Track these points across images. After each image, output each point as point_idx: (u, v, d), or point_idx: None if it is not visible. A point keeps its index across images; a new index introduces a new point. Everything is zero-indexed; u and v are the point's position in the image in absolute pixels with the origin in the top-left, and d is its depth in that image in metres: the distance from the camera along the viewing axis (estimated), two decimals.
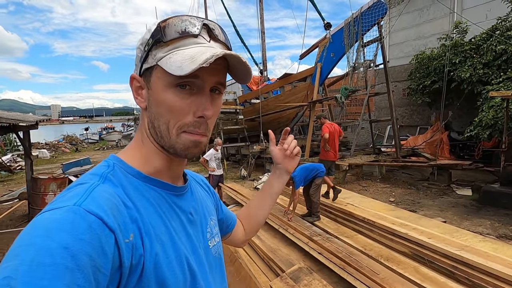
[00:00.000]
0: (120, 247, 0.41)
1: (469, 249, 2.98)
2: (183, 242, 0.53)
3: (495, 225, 4.22)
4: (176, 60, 0.48)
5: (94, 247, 0.38)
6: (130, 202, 0.47)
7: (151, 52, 0.51)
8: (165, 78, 0.49)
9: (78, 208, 0.40)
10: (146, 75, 0.52)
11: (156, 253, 0.46)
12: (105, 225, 0.40)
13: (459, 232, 3.63)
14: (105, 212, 0.42)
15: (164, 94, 0.50)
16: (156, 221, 0.49)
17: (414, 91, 9.56)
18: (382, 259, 3.05)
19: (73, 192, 0.44)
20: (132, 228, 0.45)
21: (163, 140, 0.52)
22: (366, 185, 6.97)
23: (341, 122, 8.91)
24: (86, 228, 0.38)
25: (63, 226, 0.38)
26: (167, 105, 0.50)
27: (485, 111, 5.90)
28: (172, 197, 0.55)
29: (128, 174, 0.52)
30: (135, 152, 0.56)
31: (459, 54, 7.79)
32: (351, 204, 4.62)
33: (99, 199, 0.43)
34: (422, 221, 4.02)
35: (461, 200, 5.42)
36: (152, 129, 0.53)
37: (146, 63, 0.52)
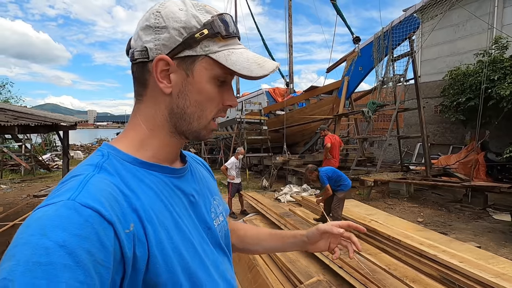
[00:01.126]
0: (120, 238, 0.41)
1: (507, 278, 2.74)
2: (187, 225, 0.52)
3: None
4: (238, 60, 0.51)
5: (92, 242, 0.37)
6: (129, 190, 0.46)
7: (202, 42, 0.50)
8: (214, 71, 0.51)
9: (73, 203, 0.39)
10: (184, 61, 0.51)
11: (160, 239, 0.46)
12: (103, 217, 0.39)
13: (495, 259, 3.35)
14: (102, 204, 0.40)
15: (207, 85, 0.52)
16: (158, 207, 0.48)
17: (447, 108, 9.14)
18: (407, 280, 2.88)
19: (67, 185, 0.43)
20: (132, 218, 0.44)
21: (190, 126, 0.54)
22: (392, 203, 6.67)
23: (367, 137, 8.67)
24: (82, 223, 0.37)
25: (58, 223, 0.36)
26: (209, 95, 0.53)
27: None
28: (173, 179, 0.55)
29: (124, 161, 0.50)
30: (133, 139, 0.54)
31: (498, 70, 7.38)
32: (375, 221, 4.44)
33: (94, 191, 0.42)
34: (453, 244, 3.76)
35: (498, 225, 5.02)
36: (179, 114, 0.53)
37: (192, 51, 0.50)
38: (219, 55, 0.51)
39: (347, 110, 9.64)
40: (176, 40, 0.50)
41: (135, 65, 0.54)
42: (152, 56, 0.51)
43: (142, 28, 0.52)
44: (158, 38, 0.50)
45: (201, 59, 0.51)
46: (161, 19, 0.51)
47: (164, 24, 0.50)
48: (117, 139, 0.56)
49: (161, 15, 0.51)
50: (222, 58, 0.51)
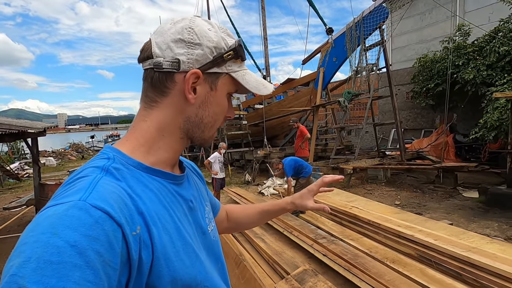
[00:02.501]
0: (128, 240, 0.42)
1: (477, 251, 2.94)
2: (187, 231, 0.54)
3: (503, 227, 4.16)
4: (250, 80, 0.61)
5: (101, 243, 0.38)
6: (135, 194, 0.48)
7: (227, 62, 0.57)
8: (230, 87, 0.60)
9: (83, 203, 0.40)
10: (210, 77, 0.57)
11: (164, 243, 0.47)
12: (112, 219, 0.40)
13: (466, 234, 3.58)
14: (111, 206, 0.41)
15: (223, 99, 0.60)
16: (161, 212, 0.50)
17: (418, 94, 9.55)
18: (388, 261, 3.02)
19: (76, 186, 0.44)
20: (138, 220, 0.45)
21: (203, 134, 0.60)
22: (371, 189, 6.93)
23: (345, 126, 8.90)
24: (93, 223, 0.38)
25: (69, 223, 0.37)
26: (223, 107, 0.60)
27: (489, 113, 5.87)
28: (174, 186, 0.57)
29: (130, 165, 0.52)
30: (140, 141, 0.56)
31: (462, 56, 7.79)
32: (356, 207, 4.59)
33: (104, 192, 0.43)
34: (428, 223, 3.98)
35: (468, 202, 5.36)
36: (196, 123, 0.58)
37: (218, 68, 0.57)
38: (238, 75, 0.59)
39: (324, 100, 9.82)
40: (207, 57, 0.55)
41: (157, 72, 0.55)
42: (184, 68, 0.54)
43: (174, 40, 0.55)
44: (191, 53, 0.55)
45: (223, 76, 0.58)
46: (195, 36, 0.55)
47: (198, 41, 0.55)
48: (122, 142, 0.57)
49: (195, 32, 0.55)
50: (241, 77, 0.59)
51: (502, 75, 6.64)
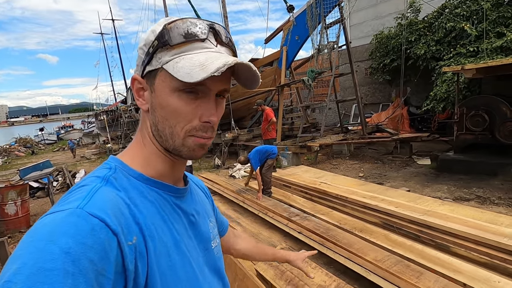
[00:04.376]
0: (123, 250, 0.41)
1: (431, 213, 3.28)
2: (186, 245, 0.53)
3: (451, 189, 4.67)
4: (184, 66, 0.47)
5: (96, 251, 0.38)
6: (133, 204, 0.47)
7: (156, 54, 0.50)
8: (171, 83, 0.49)
9: (81, 211, 0.40)
10: (149, 77, 0.52)
11: (159, 255, 0.47)
12: (108, 227, 0.40)
13: (422, 199, 3.97)
14: (108, 214, 0.41)
15: (169, 98, 0.50)
16: (159, 224, 0.49)
17: (376, 70, 10.01)
18: (356, 231, 3.26)
19: (75, 195, 0.44)
20: (135, 231, 0.45)
21: (167, 143, 0.52)
22: (337, 163, 7.29)
23: (310, 105, 9.11)
24: (89, 231, 0.38)
25: (66, 230, 0.37)
26: (172, 109, 0.50)
27: (438, 86, 6.36)
28: (174, 199, 0.55)
29: (130, 176, 0.51)
30: (136, 154, 0.55)
31: (414, 32, 8.23)
32: (324, 182, 4.82)
33: (101, 201, 0.43)
34: (389, 192, 4.33)
35: (422, 169, 5.90)
36: (155, 131, 0.53)
37: (150, 65, 0.51)
38: (169, 65, 0.49)
39: (288, 80, 9.89)
40: (141, 58, 0.52)
41: None
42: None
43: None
44: (137, 59, 0.53)
45: (159, 72, 0.50)
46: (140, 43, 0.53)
47: (137, 47, 0.53)
48: (124, 153, 0.56)
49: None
50: (170, 67, 0.48)
51: (448, 50, 7.17)
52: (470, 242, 2.71)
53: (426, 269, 2.40)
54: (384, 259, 2.56)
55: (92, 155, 15.05)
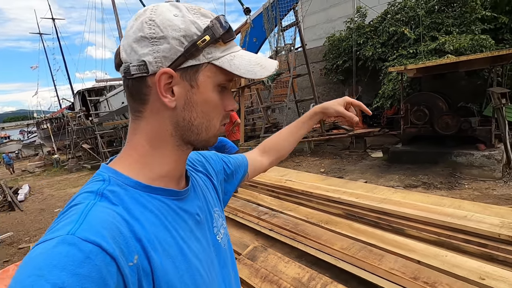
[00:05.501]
0: (124, 273, 0.38)
1: (387, 201, 3.59)
2: (194, 250, 0.51)
3: (402, 178, 5.15)
4: (241, 64, 0.49)
5: (94, 280, 0.35)
6: (132, 218, 0.44)
7: (204, 49, 0.47)
8: (217, 78, 0.49)
9: (72, 237, 0.36)
10: (187, 72, 0.48)
11: (166, 269, 0.44)
12: (105, 252, 0.37)
13: (378, 189, 4.31)
14: (103, 236, 0.38)
15: (212, 93, 0.50)
16: (163, 234, 0.47)
17: (329, 71, 10.59)
18: (322, 223, 3.44)
19: (67, 217, 0.40)
20: (136, 249, 0.42)
21: (199, 137, 0.52)
22: (299, 161, 7.58)
23: (270, 105, 9.32)
24: (83, 260, 0.35)
25: (57, 262, 0.34)
26: (214, 103, 0.51)
27: (386, 84, 6.97)
28: (177, 202, 0.53)
29: (127, 186, 0.47)
30: (134, 160, 0.51)
31: (362, 35, 8.89)
32: (289, 180, 4.98)
33: (96, 222, 0.39)
34: (349, 184, 4.63)
35: (375, 162, 6.41)
36: (186, 127, 0.51)
37: (195, 60, 0.47)
38: (223, 61, 0.48)
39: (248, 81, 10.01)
40: (177, 50, 0.47)
41: (130, 80, 0.49)
42: (152, 70, 0.47)
43: (135, 40, 0.47)
44: (157, 50, 0.46)
45: (204, 67, 0.48)
46: (157, 29, 0.46)
47: (162, 34, 0.46)
48: (117, 161, 0.52)
49: (157, 24, 0.46)
50: (226, 63, 0.48)
51: (392, 52, 7.88)
52: (421, 224, 3.03)
53: (386, 252, 2.63)
54: (350, 247, 2.75)
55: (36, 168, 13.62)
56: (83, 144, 14.60)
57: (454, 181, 4.76)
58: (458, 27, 6.99)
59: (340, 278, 2.41)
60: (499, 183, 4.46)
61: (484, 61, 4.66)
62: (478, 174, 4.72)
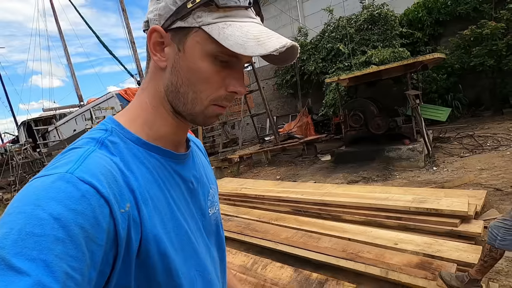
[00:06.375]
0: (116, 217, 0.39)
1: (328, 194, 4.03)
2: (183, 213, 0.52)
3: (345, 175, 5.71)
4: (233, 34, 0.43)
5: (87, 218, 0.36)
6: (128, 170, 0.45)
7: (194, 11, 0.44)
8: (207, 46, 0.45)
9: (71, 176, 0.38)
10: (177, 34, 0.46)
11: (154, 223, 0.45)
12: (100, 194, 0.38)
13: (323, 186, 4.78)
14: (100, 180, 0.39)
15: (200, 62, 0.46)
16: (154, 191, 0.47)
17: (280, 86, 11.34)
18: (272, 220, 3.75)
19: (66, 157, 0.42)
20: (128, 198, 0.43)
21: (184, 107, 0.49)
22: (257, 171, 7.92)
23: (226, 121, 9.67)
24: (79, 197, 0.36)
25: (54, 195, 0.35)
26: (203, 75, 0.46)
27: (327, 95, 7.71)
28: (173, 164, 0.53)
29: (128, 140, 0.48)
30: (138, 115, 0.51)
31: (305, 52, 9.78)
32: (245, 188, 5.28)
33: (93, 166, 0.40)
34: (299, 185, 5.05)
35: (324, 164, 6.97)
36: (173, 93, 0.49)
37: (184, 22, 0.45)
38: (212, 28, 0.44)
39: None
40: (170, 9, 0.45)
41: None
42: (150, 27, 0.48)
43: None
44: (157, 8, 0.47)
45: (194, 32, 0.45)
46: None
47: None
48: (122, 114, 0.52)
49: None
50: (215, 31, 0.43)
51: (331, 66, 8.78)
52: (353, 209, 3.48)
53: (323, 235, 3.00)
54: (293, 236, 3.08)
55: None
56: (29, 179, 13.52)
57: (388, 173, 5.41)
58: (382, 42, 8.08)
59: (280, 259, 2.71)
60: (422, 171, 5.18)
61: (398, 69, 5.50)
62: (406, 165, 5.44)
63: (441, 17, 8.36)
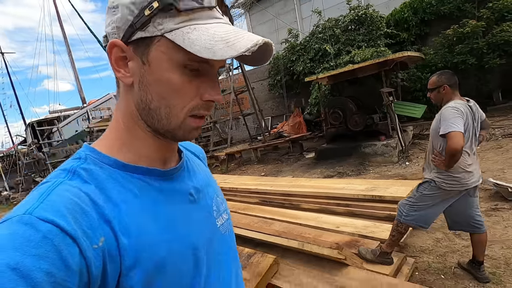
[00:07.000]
0: (86, 256, 0.36)
1: (295, 186, 4.26)
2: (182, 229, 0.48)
3: (323, 171, 5.92)
4: (199, 38, 0.40)
5: (52, 261, 0.33)
6: (105, 200, 0.41)
7: (154, 19, 0.41)
8: (173, 55, 0.42)
9: (29, 217, 0.34)
10: (139, 46, 0.43)
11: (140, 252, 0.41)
12: (64, 232, 0.35)
13: (297, 179, 5.00)
14: (64, 217, 0.36)
15: (169, 74, 0.42)
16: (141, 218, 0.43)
17: (273, 86, 11.58)
18: (240, 210, 3.99)
19: (31, 195, 0.39)
20: (103, 230, 0.39)
21: (160, 124, 0.45)
22: (245, 169, 8.17)
23: (217, 120, 9.97)
24: (40, 240, 0.33)
25: (10, 243, 0.32)
26: (173, 87, 0.43)
27: (312, 94, 7.92)
28: (163, 182, 0.49)
29: (104, 164, 0.45)
30: (115, 138, 0.48)
31: (295, 53, 10.01)
32: (225, 182, 5.54)
33: (57, 201, 0.37)
34: (277, 180, 5.27)
35: (307, 161, 7.19)
36: (144, 110, 0.45)
37: (144, 31, 0.41)
38: (176, 34, 0.41)
39: None
40: (127, 20, 0.42)
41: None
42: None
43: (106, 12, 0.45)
44: (113, 20, 0.43)
45: (157, 42, 0.42)
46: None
47: (116, 3, 0.43)
48: (99, 140, 0.49)
49: None
50: (179, 37, 0.40)
51: (318, 66, 8.99)
52: (311, 198, 3.71)
53: (276, 221, 3.24)
54: (251, 222, 3.32)
55: None
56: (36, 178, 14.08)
57: (363, 168, 5.60)
58: (367, 42, 8.27)
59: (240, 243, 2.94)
60: (395, 166, 5.36)
61: (372, 67, 5.69)
62: (381, 161, 5.61)
63: (426, 17, 8.50)
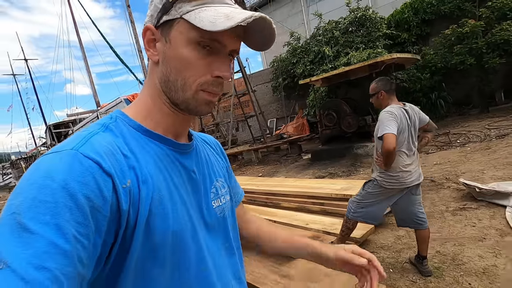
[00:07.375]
0: (118, 191, 0.42)
1: (280, 186, 4.43)
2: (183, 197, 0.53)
3: (315, 172, 6.05)
4: (207, 15, 0.47)
5: (91, 189, 0.39)
6: (130, 152, 0.48)
7: (175, 4, 0.49)
8: (188, 33, 0.49)
9: (75, 153, 0.41)
10: (164, 28, 0.51)
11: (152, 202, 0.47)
12: (102, 169, 0.41)
13: (286, 179, 5.17)
14: (102, 157, 0.42)
15: (184, 50, 0.49)
16: (155, 173, 0.49)
17: (276, 89, 11.77)
18: None
19: (73, 138, 0.45)
20: (129, 175, 0.45)
21: (177, 95, 0.52)
22: (245, 170, 8.39)
23: (219, 122, 10.25)
24: (83, 171, 0.39)
25: (62, 168, 0.39)
26: (187, 61, 0.50)
27: (309, 96, 8.04)
28: (174, 153, 0.55)
29: (130, 127, 0.52)
30: (141, 107, 0.56)
31: (296, 56, 10.16)
32: None
33: (96, 145, 0.44)
34: (268, 180, 5.46)
35: (303, 162, 7.32)
36: (165, 83, 0.52)
37: (168, 15, 0.49)
38: (191, 15, 0.48)
39: None
40: (157, 7, 0.51)
41: None
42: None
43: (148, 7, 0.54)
44: (150, 9, 0.52)
45: (177, 23, 0.49)
46: None
47: None
48: (128, 107, 0.57)
49: None
50: (192, 16, 0.48)
51: (318, 68, 9.10)
52: (291, 197, 3.88)
53: None
54: None
55: None
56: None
57: (354, 169, 5.69)
58: (365, 44, 8.31)
59: None
60: None
61: (363, 70, 5.78)
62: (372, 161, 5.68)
63: (427, 17, 8.45)
